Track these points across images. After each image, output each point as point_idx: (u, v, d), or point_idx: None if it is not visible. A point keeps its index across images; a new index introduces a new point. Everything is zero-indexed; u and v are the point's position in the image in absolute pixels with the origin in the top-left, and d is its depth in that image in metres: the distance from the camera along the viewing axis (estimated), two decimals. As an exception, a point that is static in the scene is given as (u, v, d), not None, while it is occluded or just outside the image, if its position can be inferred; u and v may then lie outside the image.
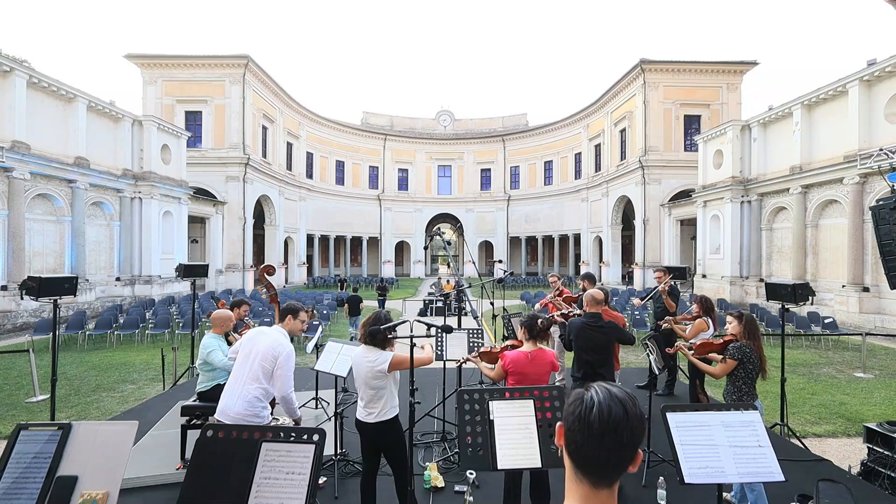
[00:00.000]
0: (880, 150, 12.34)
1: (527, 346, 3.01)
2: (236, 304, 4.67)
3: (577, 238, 33.04)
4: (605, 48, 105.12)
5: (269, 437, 1.53)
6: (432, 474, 3.65)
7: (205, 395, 3.95)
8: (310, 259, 32.62)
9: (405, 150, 36.79)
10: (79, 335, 10.68)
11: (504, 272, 6.21)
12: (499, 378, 3.14)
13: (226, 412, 2.83)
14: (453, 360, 3.58)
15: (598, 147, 30.39)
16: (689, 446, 1.83)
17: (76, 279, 5.02)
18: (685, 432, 1.85)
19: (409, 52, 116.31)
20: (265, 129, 26.40)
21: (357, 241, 35.48)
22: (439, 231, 5.73)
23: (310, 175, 31.58)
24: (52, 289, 4.68)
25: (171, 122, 19.78)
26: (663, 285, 6.25)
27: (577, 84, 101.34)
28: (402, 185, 36.84)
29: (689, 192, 22.43)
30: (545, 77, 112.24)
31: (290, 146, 29.60)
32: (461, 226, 36.91)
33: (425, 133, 37.52)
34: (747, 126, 18.31)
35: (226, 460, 1.47)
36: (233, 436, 1.54)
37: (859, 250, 13.34)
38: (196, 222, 21.91)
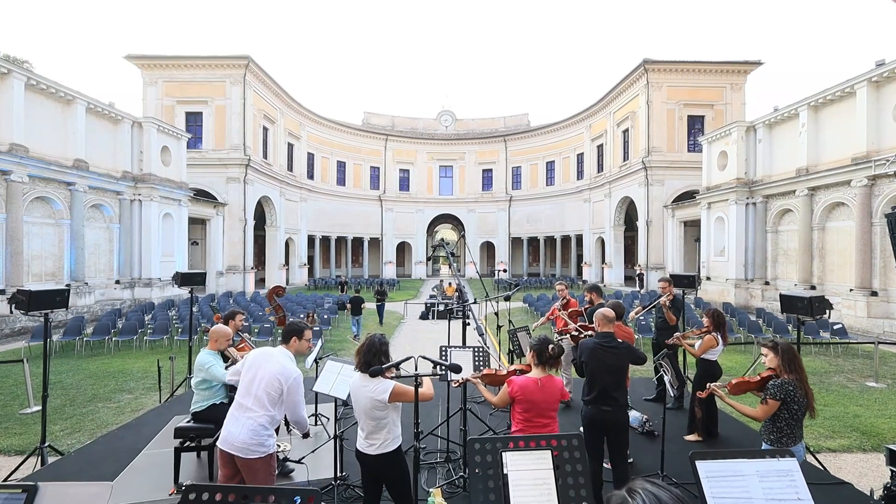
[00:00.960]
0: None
1: (535, 373, 2.84)
2: (229, 316, 4.50)
3: (580, 239, 32.86)
4: (608, 48, 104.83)
5: (257, 500, 1.38)
6: (437, 500, 3.49)
7: (200, 416, 3.80)
8: (311, 260, 32.49)
9: (406, 150, 36.63)
10: (76, 341, 10.54)
11: (510, 285, 6.04)
12: (502, 404, 2.96)
13: (230, 441, 2.69)
14: (455, 381, 3.41)
15: (600, 147, 30.19)
16: (722, 499, 1.66)
17: (68, 292, 4.86)
18: (717, 484, 1.68)
19: (411, 52, 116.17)
20: (266, 129, 26.27)
21: (358, 242, 35.34)
22: (443, 242, 5.56)
23: (311, 176, 31.44)
24: (42, 302, 4.52)
25: (171, 124, 19.64)
26: (665, 297, 6.04)
27: (579, 84, 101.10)
28: (404, 185, 36.68)
29: (692, 194, 22.22)
30: (547, 77, 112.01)
31: (290, 147, 29.46)
32: (463, 226, 36.75)
33: (427, 133, 37.35)
34: (752, 127, 18.10)
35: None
36: (217, 499, 1.39)
37: (867, 254, 13.14)
38: (196, 224, 21.79)
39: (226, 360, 4.14)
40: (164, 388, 6.91)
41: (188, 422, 3.90)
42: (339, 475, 3.67)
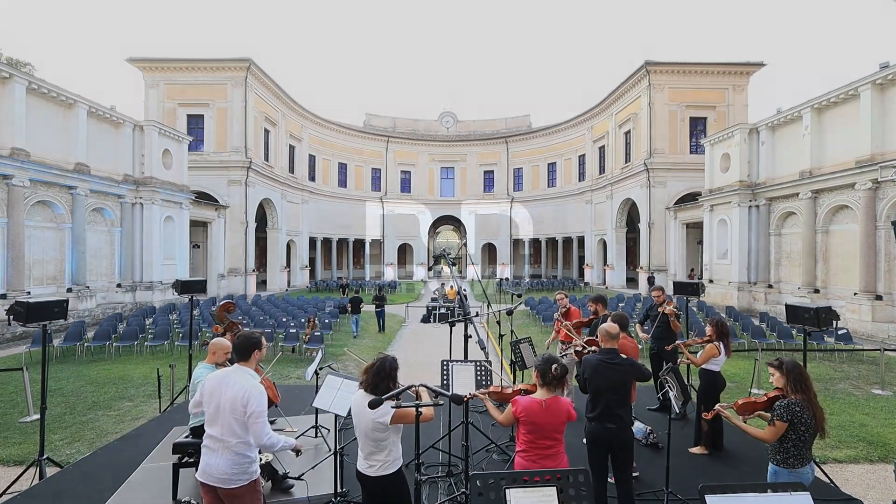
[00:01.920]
0: None
1: (540, 393, 2.79)
2: (228, 329, 4.45)
3: (581, 240, 32.79)
4: (610, 50, 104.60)
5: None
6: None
7: (198, 431, 3.75)
8: (312, 262, 32.48)
9: (408, 151, 36.62)
10: (77, 347, 10.51)
11: (514, 294, 5.98)
12: (507, 423, 2.92)
13: (209, 473, 2.57)
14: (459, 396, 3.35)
15: (602, 149, 30.12)
16: (733, 537, 1.61)
17: (66, 302, 4.84)
18: (728, 521, 1.63)
19: (412, 54, 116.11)
20: (267, 132, 26.27)
21: (360, 244, 35.32)
22: (445, 252, 5.51)
23: (312, 177, 31.44)
24: (40, 314, 4.49)
25: (172, 127, 19.63)
26: (669, 309, 5.94)
27: (581, 86, 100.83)
28: (405, 186, 36.66)
29: (695, 196, 22.13)
30: (549, 78, 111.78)
31: (292, 149, 29.46)
32: (464, 228, 36.67)
33: (428, 135, 37.32)
34: (755, 129, 18.02)
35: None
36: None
37: (872, 257, 13.05)
38: (198, 226, 21.78)
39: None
40: (164, 396, 6.87)
41: (187, 436, 3.85)
42: (340, 491, 3.62)
